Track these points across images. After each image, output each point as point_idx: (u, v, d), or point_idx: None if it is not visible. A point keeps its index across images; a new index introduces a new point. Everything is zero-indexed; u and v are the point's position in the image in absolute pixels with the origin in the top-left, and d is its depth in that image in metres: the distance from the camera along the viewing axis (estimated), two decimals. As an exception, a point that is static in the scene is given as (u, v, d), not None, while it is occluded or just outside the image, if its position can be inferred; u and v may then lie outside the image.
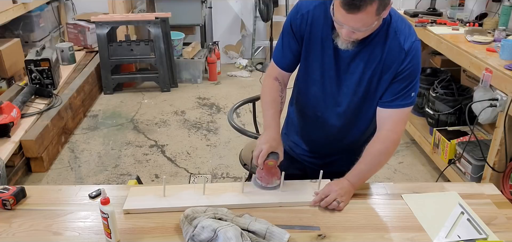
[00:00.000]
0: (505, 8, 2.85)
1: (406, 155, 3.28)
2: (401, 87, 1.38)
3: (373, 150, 1.43)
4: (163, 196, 1.42)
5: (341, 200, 1.37)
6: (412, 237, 1.28)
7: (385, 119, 1.43)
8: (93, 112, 4.02)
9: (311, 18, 1.42)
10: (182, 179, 2.99)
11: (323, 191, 1.39)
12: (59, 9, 4.93)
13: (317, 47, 1.43)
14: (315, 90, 1.51)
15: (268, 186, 1.46)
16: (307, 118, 1.61)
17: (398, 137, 1.44)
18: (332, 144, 1.61)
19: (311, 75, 1.50)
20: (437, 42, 2.91)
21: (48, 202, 1.42)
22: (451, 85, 3.11)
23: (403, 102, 1.40)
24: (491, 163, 2.37)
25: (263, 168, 1.44)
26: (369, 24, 1.25)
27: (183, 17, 4.68)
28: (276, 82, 1.55)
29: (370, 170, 1.45)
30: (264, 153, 1.39)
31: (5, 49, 3.63)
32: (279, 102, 1.53)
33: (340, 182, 1.42)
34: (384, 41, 1.36)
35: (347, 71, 1.42)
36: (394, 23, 1.36)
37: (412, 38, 1.36)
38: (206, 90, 4.53)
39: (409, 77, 1.37)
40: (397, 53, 1.35)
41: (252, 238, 1.20)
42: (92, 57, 4.56)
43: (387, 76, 1.39)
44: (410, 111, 1.46)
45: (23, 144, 2.91)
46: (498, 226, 1.32)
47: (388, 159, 1.48)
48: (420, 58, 1.38)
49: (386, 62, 1.37)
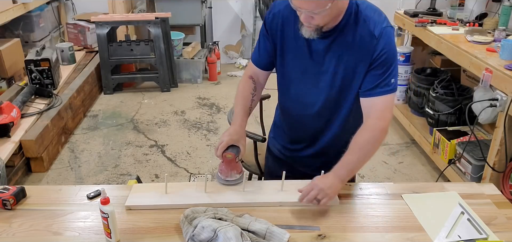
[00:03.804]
0: (505, 8, 2.85)
1: (406, 155, 3.28)
2: (379, 74, 1.36)
3: (360, 139, 1.39)
4: (165, 193, 1.43)
5: (324, 195, 1.33)
6: (412, 237, 1.27)
7: (370, 108, 1.41)
8: (93, 112, 4.02)
9: (282, 17, 1.43)
10: (182, 179, 2.99)
11: (307, 188, 1.36)
12: (59, 9, 4.93)
13: (292, 46, 1.44)
14: (295, 89, 1.52)
15: (228, 179, 1.47)
16: (291, 118, 1.61)
17: (386, 124, 1.40)
18: (315, 140, 1.60)
19: (290, 75, 1.50)
20: (437, 42, 2.91)
21: (48, 202, 1.42)
22: (451, 85, 3.11)
23: (384, 90, 1.38)
24: (491, 163, 2.37)
25: (223, 161, 1.46)
26: (322, 5, 1.23)
27: (183, 17, 4.69)
28: (250, 80, 1.59)
29: (358, 160, 1.40)
30: (223, 144, 1.43)
31: (5, 49, 3.64)
32: (249, 100, 1.56)
33: (325, 177, 1.38)
34: (354, 31, 1.35)
35: (322, 66, 1.42)
36: (362, 11, 1.35)
37: (382, 24, 1.34)
38: (206, 90, 4.53)
39: (385, 63, 1.35)
40: (369, 41, 1.34)
41: (252, 238, 1.20)
42: (92, 57, 4.57)
43: (362, 65, 1.37)
44: (394, 98, 1.44)
45: (23, 144, 2.91)
46: (498, 226, 1.32)
47: (376, 148, 1.42)
48: (393, 43, 1.37)
49: (358, 51, 1.36)
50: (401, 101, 3.71)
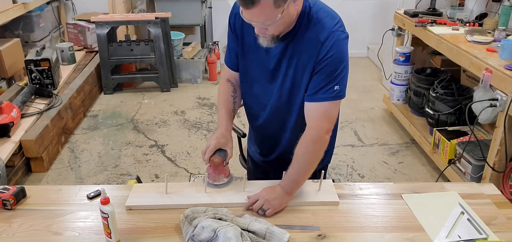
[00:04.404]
0: (505, 8, 2.85)
1: (406, 155, 3.28)
2: (321, 79, 1.33)
3: (299, 151, 1.36)
4: (165, 193, 1.43)
5: (268, 206, 1.33)
6: (412, 237, 1.27)
7: (308, 115, 1.38)
8: (93, 112, 4.02)
9: (242, 18, 1.40)
10: (182, 179, 2.99)
11: (253, 197, 1.37)
12: (59, 9, 4.93)
13: (252, 46, 1.43)
14: (255, 90, 1.51)
15: (215, 183, 1.47)
16: (253, 118, 1.61)
17: (318, 134, 1.35)
18: (276, 144, 1.59)
19: (251, 75, 1.50)
20: (437, 42, 2.91)
21: (48, 202, 1.42)
22: (451, 85, 3.11)
23: (324, 96, 1.33)
24: (491, 163, 2.37)
25: (210, 165, 1.46)
26: (271, 18, 1.21)
27: (183, 17, 4.68)
28: (228, 83, 1.58)
29: (299, 172, 1.37)
30: (210, 148, 1.42)
31: (5, 49, 3.64)
32: (231, 102, 1.56)
33: (272, 188, 1.38)
34: (305, 34, 1.33)
35: (277, 68, 1.41)
36: (314, 13, 1.32)
37: (330, 28, 1.30)
38: (206, 90, 4.53)
39: (328, 68, 1.31)
40: (314, 44, 1.31)
41: (252, 238, 1.20)
42: (92, 57, 4.56)
43: (308, 69, 1.35)
44: (337, 106, 1.38)
45: (23, 144, 2.91)
46: (498, 226, 1.32)
47: (316, 159, 1.38)
48: (341, 49, 1.31)
49: (306, 54, 1.34)
50: (401, 101, 3.70)
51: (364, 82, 4.76)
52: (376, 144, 3.44)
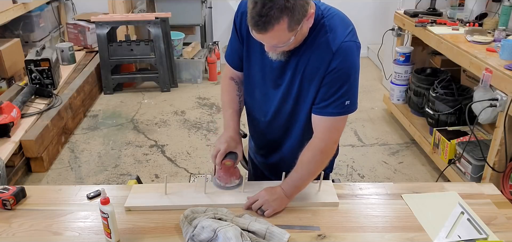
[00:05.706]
0: (505, 8, 2.85)
1: (406, 155, 3.28)
2: (331, 92, 1.28)
3: (303, 158, 1.35)
4: (164, 194, 1.43)
5: (268, 207, 1.33)
6: (412, 237, 1.28)
7: (316, 126, 1.36)
8: (93, 112, 4.02)
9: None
10: (182, 179, 2.99)
11: (253, 196, 1.37)
12: (59, 9, 4.93)
13: (257, 48, 1.37)
14: (258, 93, 1.48)
15: (227, 185, 1.47)
16: (254, 121, 1.58)
17: (327, 146, 1.35)
18: (277, 148, 1.57)
19: (254, 78, 1.46)
20: (437, 42, 2.91)
21: (48, 202, 1.42)
22: (451, 85, 3.11)
23: (334, 111, 1.30)
24: (491, 163, 2.37)
25: (221, 168, 1.45)
26: (284, 40, 1.18)
27: (183, 17, 4.68)
28: (232, 82, 1.54)
29: (302, 178, 1.37)
30: (221, 152, 1.40)
31: (5, 49, 3.64)
32: (237, 102, 1.53)
33: (272, 189, 1.37)
34: (314, 41, 1.27)
35: (284, 73, 1.36)
36: (327, 20, 1.26)
37: (343, 37, 1.25)
38: (206, 90, 4.53)
39: (338, 81, 1.26)
40: (324, 53, 1.25)
41: (252, 238, 1.20)
42: (92, 57, 4.56)
43: (316, 78, 1.29)
44: (344, 121, 1.35)
45: (23, 144, 2.91)
46: (498, 226, 1.32)
47: (320, 167, 1.37)
48: (353, 61, 1.27)
49: (314, 62, 1.28)
50: (401, 101, 3.70)
51: (364, 82, 4.76)
52: (376, 144, 3.44)
